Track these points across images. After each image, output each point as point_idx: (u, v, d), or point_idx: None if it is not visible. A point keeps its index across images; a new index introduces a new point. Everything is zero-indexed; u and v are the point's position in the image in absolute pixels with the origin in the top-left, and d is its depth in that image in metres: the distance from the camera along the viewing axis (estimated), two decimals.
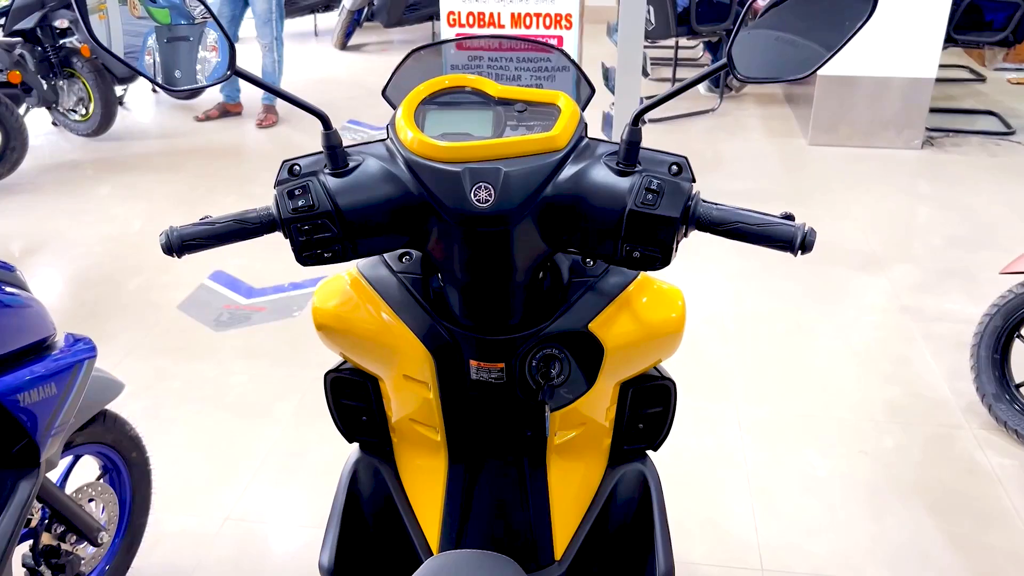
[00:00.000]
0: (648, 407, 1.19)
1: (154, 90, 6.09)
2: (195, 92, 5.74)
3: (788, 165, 4.62)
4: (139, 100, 6.08)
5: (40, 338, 1.42)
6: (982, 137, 4.89)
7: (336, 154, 0.96)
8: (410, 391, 1.12)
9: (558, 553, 1.17)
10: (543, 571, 1.17)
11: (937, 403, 2.60)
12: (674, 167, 0.94)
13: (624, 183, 0.93)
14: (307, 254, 0.97)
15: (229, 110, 5.57)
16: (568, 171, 0.95)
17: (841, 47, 0.85)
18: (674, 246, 0.94)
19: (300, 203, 0.95)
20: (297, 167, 0.98)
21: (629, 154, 0.94)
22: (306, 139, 5.03)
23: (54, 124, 5.37)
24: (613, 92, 3.53)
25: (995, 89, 5.76)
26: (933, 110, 4.73)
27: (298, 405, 2.64)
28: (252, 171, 4.73)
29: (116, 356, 2.90)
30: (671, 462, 1.28)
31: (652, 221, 0.92)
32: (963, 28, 4.68)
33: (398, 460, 1.23)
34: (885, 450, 2.40)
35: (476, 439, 1.14)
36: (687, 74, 6.15)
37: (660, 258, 0.94)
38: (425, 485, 1.19)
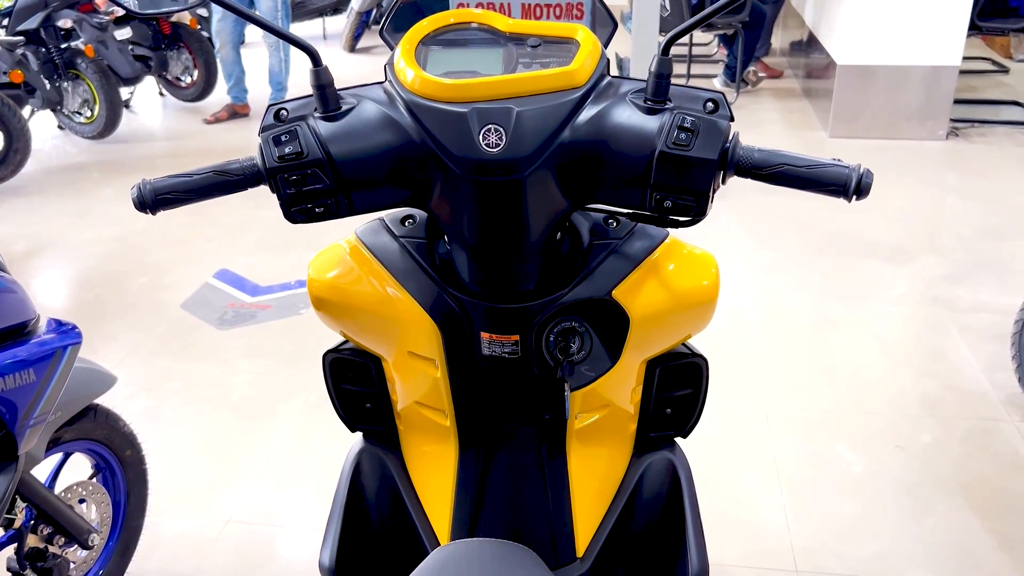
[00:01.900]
0: (677, 389, 1.08)
1: (161, 93, 6.02)
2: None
3: None
4: (146, 103, 6.02)
5: (19, 322, 1.32)
6: (1008, 127, 4.75)
7: (326, 94, 0.86)
8: (416, 370, 1.02)
9: (580, 550, 1.06)
10: (564, 569, 1.05)
11: (976, 396, 2.46)
12: (709, 104, 0.83)
13: (653, 122, 0.82)
14: (296, 208, 0.87)
15: (237, 111, 5.50)
16: (588, 112, 0.84)
17: None
18: (710, 194, 0.83)
19: (287, 150, 0.84)
20: (284, 111, 0.87)
21: (658, 88, 0.82)
22: None
23: (60, 127, 5.31)
24: None
25: (1019, 80, 5.62)
26: (957, 101, 4.58)
27: (303, 405, 2.53)
28: None
29: (118, 356, 2.81)
30: (696, 458, 1.16)
31: (685, 164, 0.81)
32: (987, 15, 4.54)
33: (404, 449, 1.13)
34: (922, 445, 2.27)
35: (489, 422, 1.03)
36: (702, 69, 6.04)
37: (695, 207, 0.83)
38: (434, 475, 1.08)
